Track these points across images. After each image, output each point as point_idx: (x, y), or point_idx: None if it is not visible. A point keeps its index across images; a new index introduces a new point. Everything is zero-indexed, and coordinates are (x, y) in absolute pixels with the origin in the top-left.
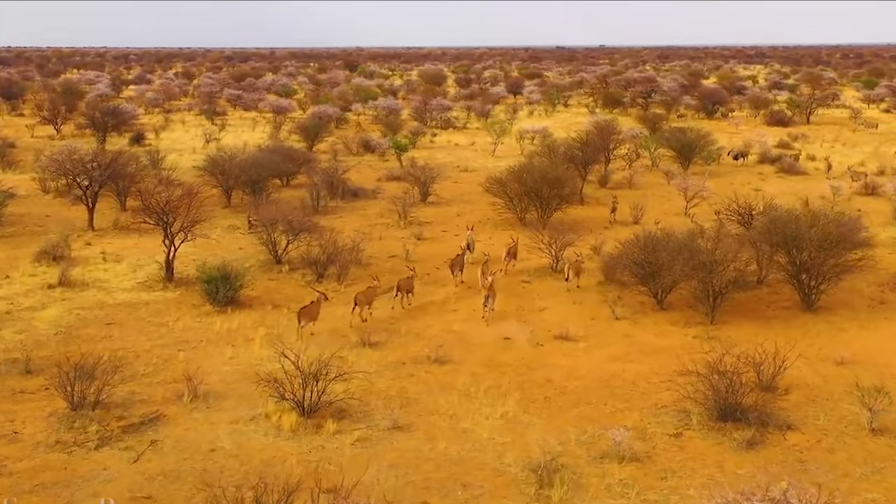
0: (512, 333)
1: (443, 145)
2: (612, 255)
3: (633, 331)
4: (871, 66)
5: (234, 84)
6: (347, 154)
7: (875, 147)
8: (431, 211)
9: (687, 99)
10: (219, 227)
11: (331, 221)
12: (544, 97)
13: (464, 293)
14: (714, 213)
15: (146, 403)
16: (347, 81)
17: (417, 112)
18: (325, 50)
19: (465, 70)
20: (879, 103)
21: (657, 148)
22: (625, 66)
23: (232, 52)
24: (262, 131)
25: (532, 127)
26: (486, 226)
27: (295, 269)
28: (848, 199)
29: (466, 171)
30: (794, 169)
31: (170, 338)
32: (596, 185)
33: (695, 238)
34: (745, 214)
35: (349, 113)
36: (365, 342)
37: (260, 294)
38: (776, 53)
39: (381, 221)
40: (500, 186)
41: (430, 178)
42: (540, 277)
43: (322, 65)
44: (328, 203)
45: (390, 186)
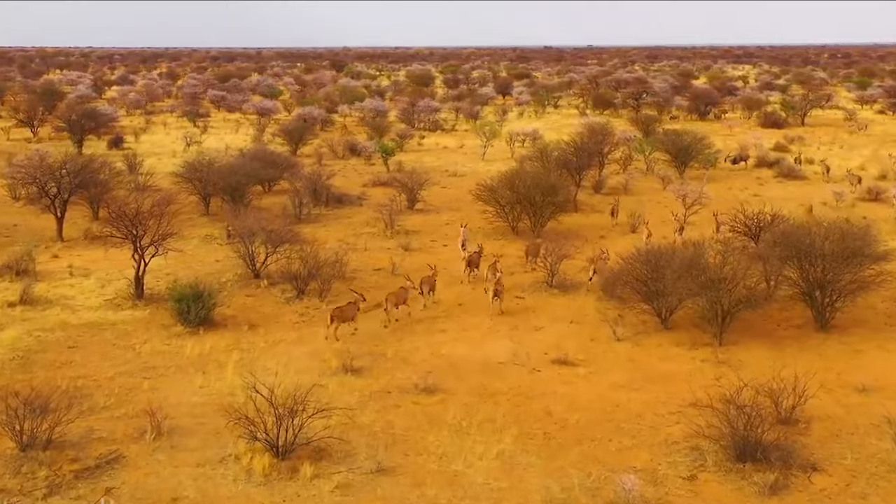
0: (506, 357)
1: (431, 148)
2: (612, 269)
3: (636, 354)
4: (862, 67)
5: (218, 85)
6: (333, 158)
7: (874, 150)
8: (419, 219)
9: (678, 100)
10: (195, 238)
11: (313, 231)
12: (534, 98)
13: (452, 311)
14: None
15: (104, 442)
16: (334, 82)
17: (405, 114)
18: (313, 50)
19: (454, 70)
20: (873, 104)
21: (652, 151)
22: (613, 66)
23: (218, 52)
24: (246, 134)
25: (522, 129)
26: (476, 235)
27: (274, 283)
28: (851, 206)
29: (455, 175)
30: (794, 173)
31: (136, 363)
32: (590, 191)
33: (702, 254)
34: (753, 226)
35: (335, 114)
36: (347, 368)
37: (236, 312)
38: (764, 53)
39: (367, 231)
40: (491, 194)
41: (417, 185)
42: (535, 293)
43: (309, 65)
44: (311, 211)
45: (376, 192)
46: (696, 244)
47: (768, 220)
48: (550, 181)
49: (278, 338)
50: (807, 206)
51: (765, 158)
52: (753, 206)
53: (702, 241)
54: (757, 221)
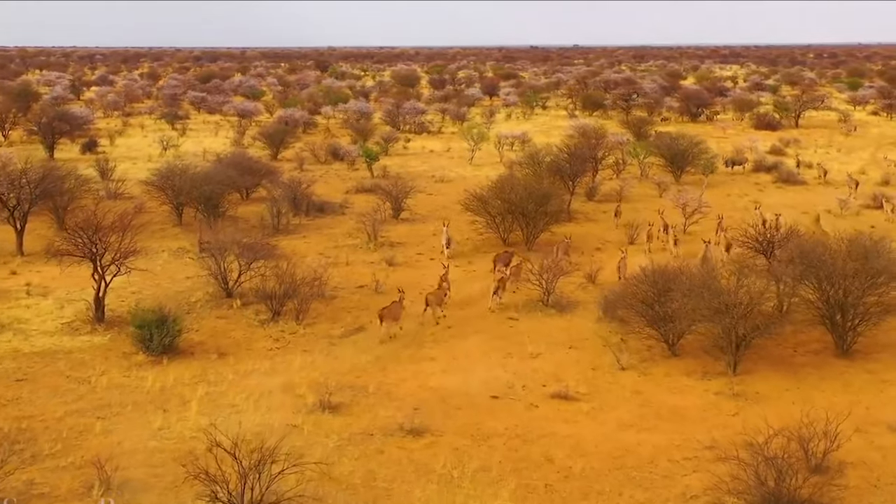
0: (500, 390)
1: (417, 152)
2: (614, 290)
3: (643, 385)
4: (850, 67)
5: (199, 86)
6: (315, 162)
7: (872, 152)
8: (404, 229)
9: (669, 101)
10: (166, 251)
11: (292, 243)
12: (521, 99)
13: (441, 334)
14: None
15: (45, 499)
16: (318, 83)
17: (390, 116)
18: (297, 50)
19: (439, 71)
20: (865, 105)
21: (646, 156)
22: (600, 66)
23: (201, 51)
24: (226, 137)
25: (511, 132)
26: (465, 247)
27: (248, 303)
28: (856, 214)
29: (443, 181)
30: (793, 178)
31: (89, 400)
32: (582, 198)
33: (714, 275)
34: (765, 242)
35: (318, 116)
36: (324, 405)
37: (204, 338)
38: (750, 53)
39: (349, 242)
40: (481, 203)
41: (402, 193)
42: (529, 313)
43: (293, 65)
44: (290, 221)
45: (360, 200)
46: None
47: (782, 235)
48: (543, 189)
49: (250, 368)
50: (812, 214)
51: (762, 163)
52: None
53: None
54: (769, 236)
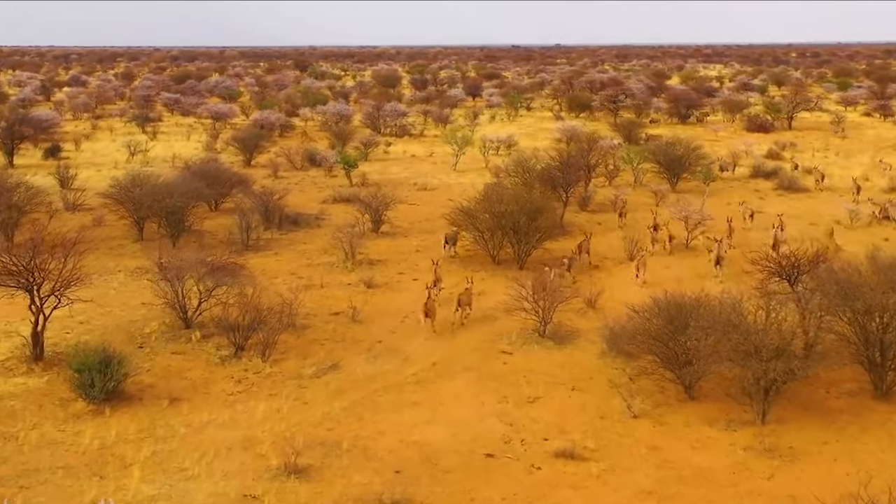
0: (495, 445)
1: (398, 156)
2: (620, 323)
3: (659, 438)
4: (837, 66)
5: (173, 86)
6: (290, 169)
7: (872, 156)
8: (385, 245)
9: (657, 102)
10: (123, 271)
11: (262, 261)
12: (505, 100)
13: (425, 373)
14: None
15: None
16: (297, 83)
17: (370, 118)
18: (278, 49)
19: (421, 70)
20: (856, 106)
21: (640, 162)
22: (584, 65)
23: (180, 51)
24: (198, 140)
25: (496, 135)
26: (451, 265)
27: (209, 336)
28: (867, 225)
29: (425, 189)
30: (795, 185)
31: (13, 464)
32: (575, 208)
33: (740, 310)
34: (789, 267)
35: (296, 118)
36: (290, 468)
37: (156, 379)
38: (732, 52)
39: (324, 260)
40: (468, 218)
41: (382, 205)
42: (524, 345)
43: (272, 65)
44: (261, 235)
45: (337, 211)
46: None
47: (808, 260)
48: (536, 202)
49: (205, 418)
50: (820, 225)
51: (761, 168)
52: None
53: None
54: (794, 261)
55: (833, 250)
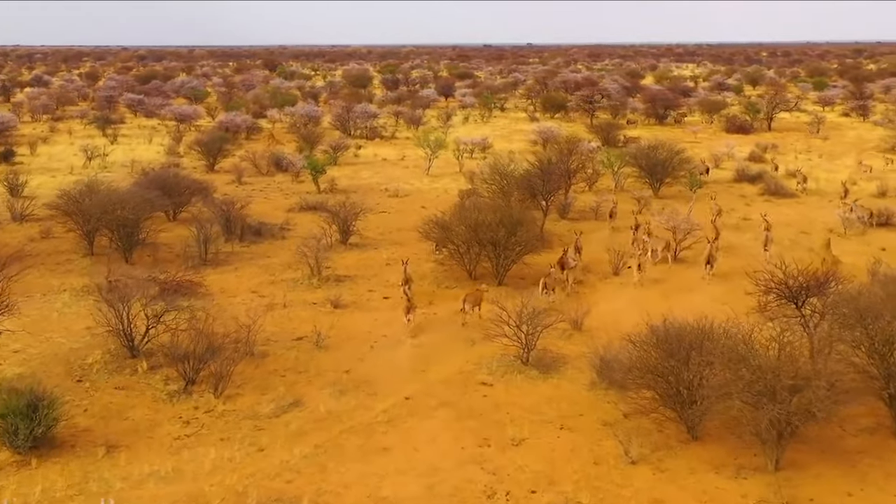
0: (476, 501)
1: (368, 160)
2: (610, 350)
3: (662, 488)
4: (811, 66)
5: (137, 87)
6: (255, 174)
7: (856, 158)
8: (354, 258)
9: (633, 102)
10: (68, 291)
11: (221, 277)
12: (479, 100)
13: (397, 410)
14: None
15: None
16: (266, 83)
17: (339, 120)
18: (248, 49)
19: (392, 70)
20: (833, 106)
21: (621, 166)
22: (556, 65)
23: (147, 50)
24: (161, 144)
25: (470, 138)
26: (424, 282)
27: (157, 367)
28: (862, 234)
29: (397, 195)
30: (782, 190)
31: None
32: (554, 216)
33: (751, 342)
34: (797, 288)
35: (264, 120)
36: None
37: (94, 421)
38: (703, 52)
39: (288, 276)
40: (443, 231)
41: (351, 215)
42: (505, 375)
43: (241, 64)
44: (221, 248)
45: (304, 220)
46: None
47: (818, 280)
48: (515, 214)
49: (146, 469)
50: (813, 233)
51: (745, 172)
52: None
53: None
54: (803, 281)
55: (831, 263)
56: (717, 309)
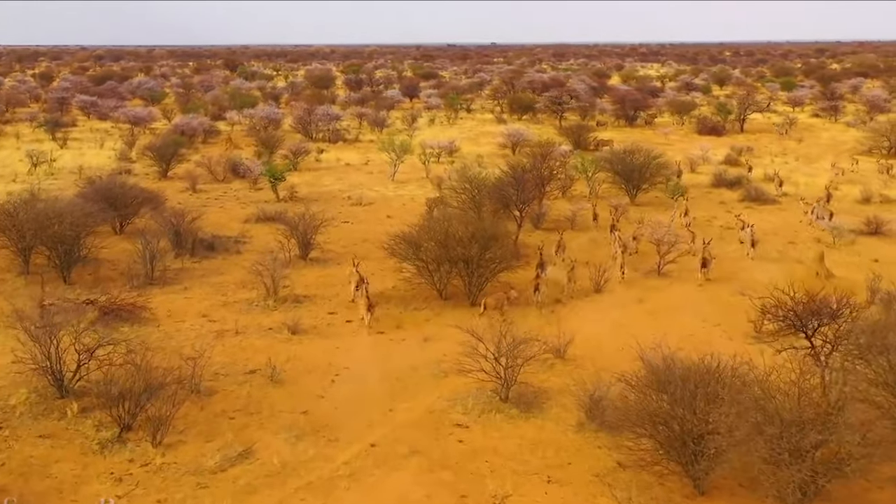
0: None
1: (331, 165)
2: (599, 387)
3: None
4: (778, 66)
5: (91, 88)
6: (211, 181)
7: (833, 162)
8: (314, 275)
9: (601, 103)
10: None
11: (168, 298)
12: (444, 101)
13: (361, 463)
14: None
15: None
16: (226, 84)
17: (301, 122)
18: (209, 48)
19: (356, 70)
20: (803, 106)
21: (595, 172)
22: (522, 65)
23: (106, 50)
24: (113, 148)
25: (437, 141)
26: (390, 302)
27: (89, 409)
28: (851, 243)
29: (361, 204)
30: (763, 196)
31: None
32: (528, 227)
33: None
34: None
35: (223, 122)
36: None
37: (11, 479)
38: (667, 51)
39: (242, 297)
40: (411, 247)
41: (312, 228)
42: (483, 415)
43: (201, 64)
44: (171, 265)
45: (261, 232)
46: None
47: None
48: (489, 228)
49: None
50: (799, 242)
51: (722, 177)
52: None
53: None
54: (812, 309)
55: (824, 276)
56: (710, 331)
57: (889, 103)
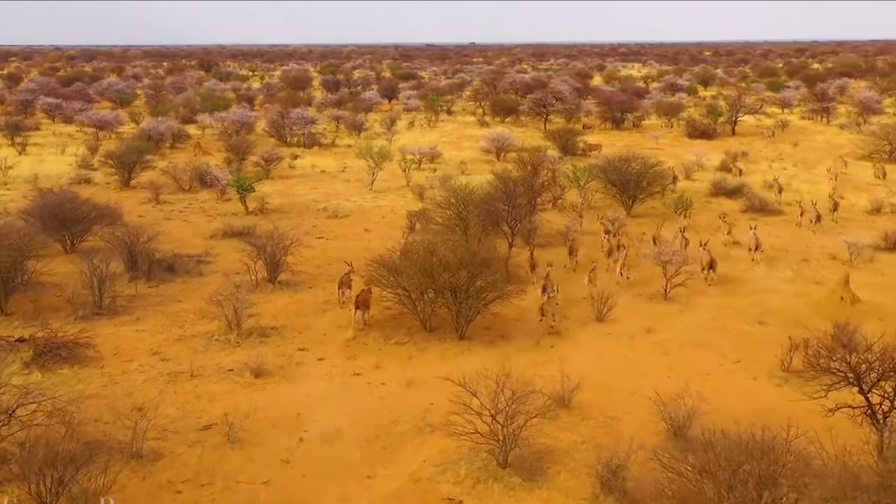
0: None
1: (305, 172)
2: (618, 453)
3: None
4: (761, 66)
5: (58, 90)
6: (176, 190)
7: (833, 167)
8: (283, 301)
9: (587, 105)
10: None
11: (117, 332)
12: (424, 103)
13: None
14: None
15: None
16: (199, 85)
17: (274, 126)
18: (185, 48)
19: (333, 71)
20: (792, 108)
21: (588, 181)
22: (502, 65)
23: (80, 50)
24: (75, 154)
25: (417, 146)
26: (369, 336)
27: (8, 480)
28: (870, 261)
29: (336, 216)
30: (768, 207)
31: None
32: (518, 242)
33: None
34: (858, 367)
35: (193, 125)
36: None
37: None
38: (647, 51)
39: (201, 329)
40: (391, 274)
41: (281, 248)
42: (480, 485)
43: (175, 64)
44: (123, 290)
45: (227, 249)
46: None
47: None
48: (480, 253)
49: None
50: (813, 259)
51: (722, 185)
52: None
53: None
54: (869, 360)
55: (850, 302)
56: (731, 370)
57: (880, 104)
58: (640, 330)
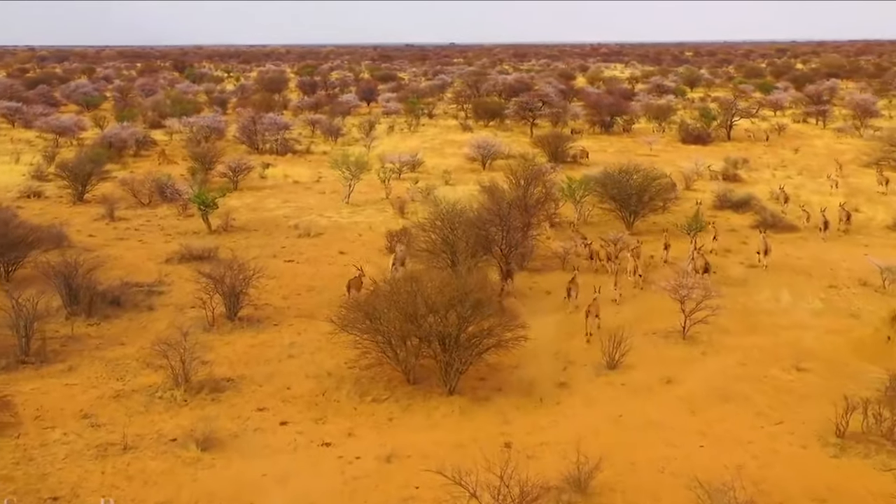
0: None
1: (277, 182)
2: None
3: None
4: (746, 66)
5: (22, 92)
6: (135, 205)
7: (839, 175)
8: (243, 343)
9: (574, 108)
10: None
11: (43, 386)
12: (404, 106)
13: None
14: None
15: None
16: (171, 87)
17: (246, 132)
18: (161, 49)
19: (311, 72)
20: (784, 110)
21: (584, 195)
22: (483, 66)
23: (54, 50)
24: (30, 163)
25: (398, 154)
26: (342, 391)
27: None
28: None
29: (309, 235)
30: (781, 222)
31: None
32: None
33: None
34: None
35: (161, 131)
36: None
37: None
38: (628, 51)
39: (143, 383)
40: (369, 319)
41: (242, 280)
42: None
43: (148, 65)
44: (59, 329)
45: (184, 275)
46: None
47: None
48: (472, 292)
49: None
50: (839, 288)
51: (727, 197)
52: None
53: None
54: None
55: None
56: (774, 435)
57: (875, 105)
58: (658, 380)
